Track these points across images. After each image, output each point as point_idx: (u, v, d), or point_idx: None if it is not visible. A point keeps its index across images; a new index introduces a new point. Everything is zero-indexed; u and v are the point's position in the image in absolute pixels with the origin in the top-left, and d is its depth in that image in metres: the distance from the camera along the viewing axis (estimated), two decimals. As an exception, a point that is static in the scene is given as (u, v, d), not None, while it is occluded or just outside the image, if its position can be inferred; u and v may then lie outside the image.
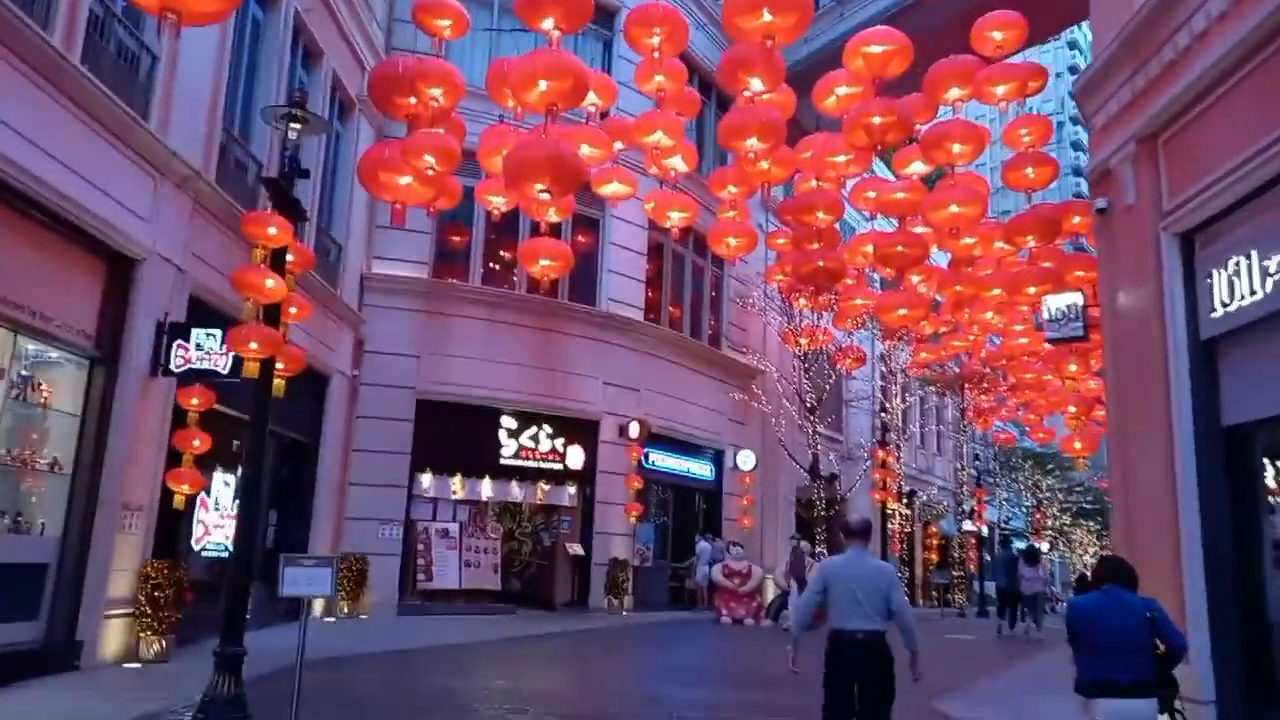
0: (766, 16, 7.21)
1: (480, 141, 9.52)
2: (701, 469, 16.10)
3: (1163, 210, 6.00)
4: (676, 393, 15.24)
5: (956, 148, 9.62)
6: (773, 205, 18.13)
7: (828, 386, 16.96)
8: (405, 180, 8.58)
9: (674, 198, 11.07)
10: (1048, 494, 27.91)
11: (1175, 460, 5.70)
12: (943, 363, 19.90)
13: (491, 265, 13.98)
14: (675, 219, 11.07)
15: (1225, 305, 5.41)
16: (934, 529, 25.39)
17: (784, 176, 11.03)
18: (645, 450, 14.14)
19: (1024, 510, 28.49)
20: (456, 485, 12.99)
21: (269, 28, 9.88)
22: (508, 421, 13.35)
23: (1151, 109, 6.05)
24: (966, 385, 21.52)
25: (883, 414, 19.71)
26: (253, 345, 5.42)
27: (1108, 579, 4.05)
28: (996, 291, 12.33)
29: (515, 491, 13.41)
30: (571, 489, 13.80)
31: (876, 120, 9.04)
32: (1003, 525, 27.60)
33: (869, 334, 20.41)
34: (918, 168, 11.11)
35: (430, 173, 8.46)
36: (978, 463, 23.15)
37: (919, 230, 11.98)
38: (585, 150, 9.52)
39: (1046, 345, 15.15)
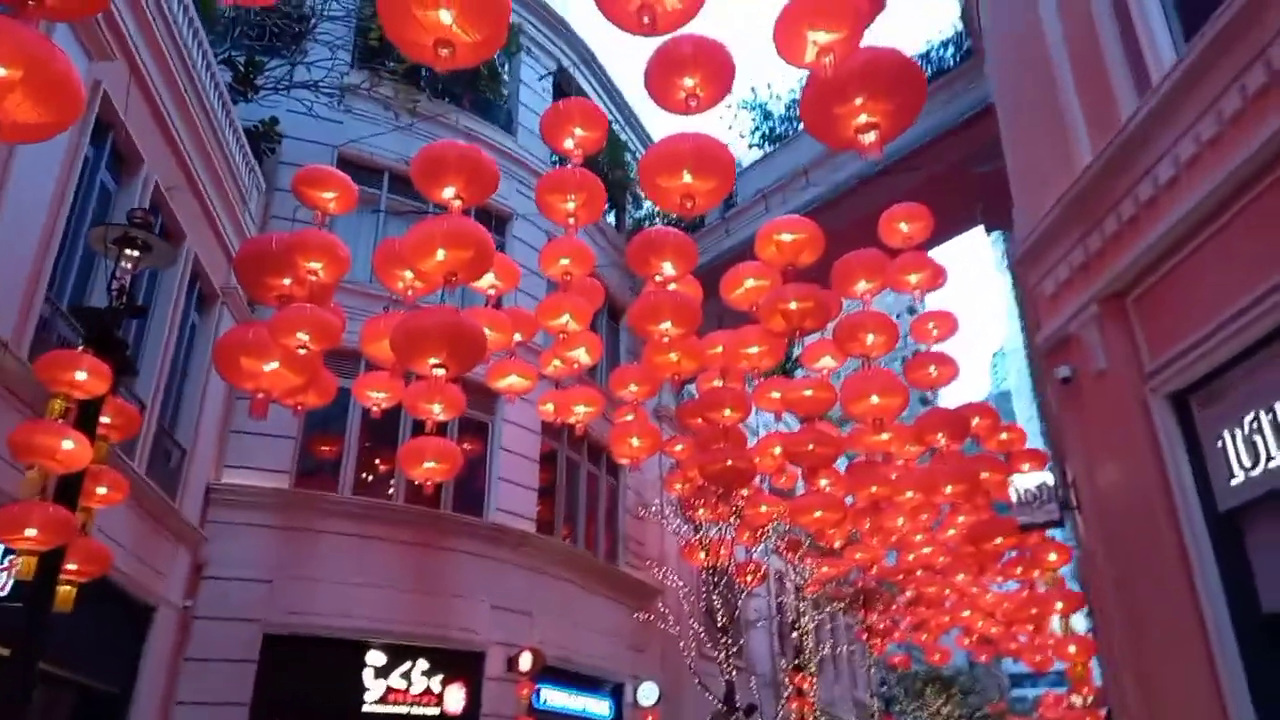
0: (687, 178, 6.70)
1: (363, 330, 8.46)
2: (599, 707, 14.06)
3: (1145, 372, 5.46)
4: (572, 616, 13.53)
5: (870, 338, 9.26)
6: (666, 413, 17.51)
7: (739, 604, 15.60)
8: (271, 366, 7.33)
9: (578, 392, 10.18)
10: (949, 720, 26.53)
11: (1216, 662, 4.76)
12: (844, 578, 19.02)
13: (365, 475, 12.42)
14: (580, 414, 10.09)
15: (1247, 469, 4.73)
16: (843, 768, 23.34)
17: (693, 369, 10.31)
18: (537, 686, 12.19)
19: (931, 740, 26.90)
20: (307, 742, 10.61)
21: (121, 199, 8.76)
22: (375, 658, 11.26)
23: (1114, 268, 5.66)
24: (864, 603, 20.57)
25: (794, 633, 18.31)
26: (30, 532, 3.84)
27: None
28: (909, 495, 11.73)
29: (381, 747, 11.09)
30: (450, 740, 11.56)
31: (793, 305, 8.56)
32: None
33: (765, 549, 19.41)
34: (828, 363, 10.71)
35: (303, 352, 7.28)
36: (884, 689, 21.77)
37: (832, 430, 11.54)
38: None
39: (939, 557, 14.58)
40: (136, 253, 4.48)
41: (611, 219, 18.39)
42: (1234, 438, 4.82)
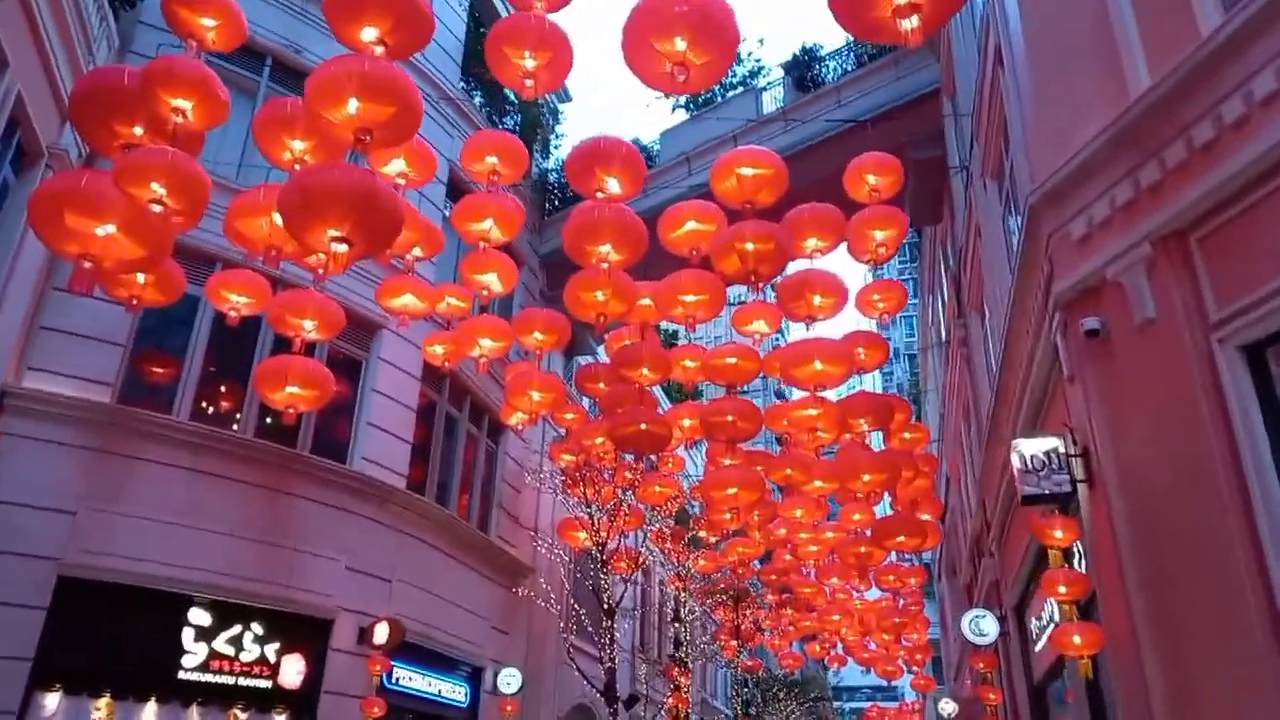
0: (680, 45, 5.48)
1: (232, 204, 6.82)
2: (455, 692, 12.52)
3: (1210, 321, 4.69)
4: (437, 588, 11.95)
5: (818, 300, 8.37)
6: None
7: (624, 591, 14.45)
8: (106, 229, 5.62)
9: (484, 321, 8.77)
10: (794, 728, 26.36)
11: (1292, 658, 3.99)
12: (718, 573, 18.23)
13: (205, 403, 10.46)
14: (486, 348, 8.71)
15: (1351, 431, 4.00)
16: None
17: (620, 312, 9.10)
18: (392, 664, 10.57)
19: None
20: (101, 713, 8.62)
21: (-79, -9, 6.70)
22: (199, 616, 9.38)
23: (1178, 202, 4.87)
24: (735, 602, 19.89)
25: (675, 625, 17.32)
26: None
27: None
28: (817, 484, 11.01)
29: (194, 723, 9.22)
30: (280, 719, 9.78)
31: (751, 246, 7.51)
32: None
33: (638, 536, 18.40)
34: (761, 327, 9.71)
35: (157, 209, 5.61)
36: (746, 690, 21.18)
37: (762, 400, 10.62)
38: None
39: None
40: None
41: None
42: (1333, 394, 4.08)
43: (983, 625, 10.37)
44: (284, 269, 9.06)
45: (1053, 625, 7.85)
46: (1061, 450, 5.47)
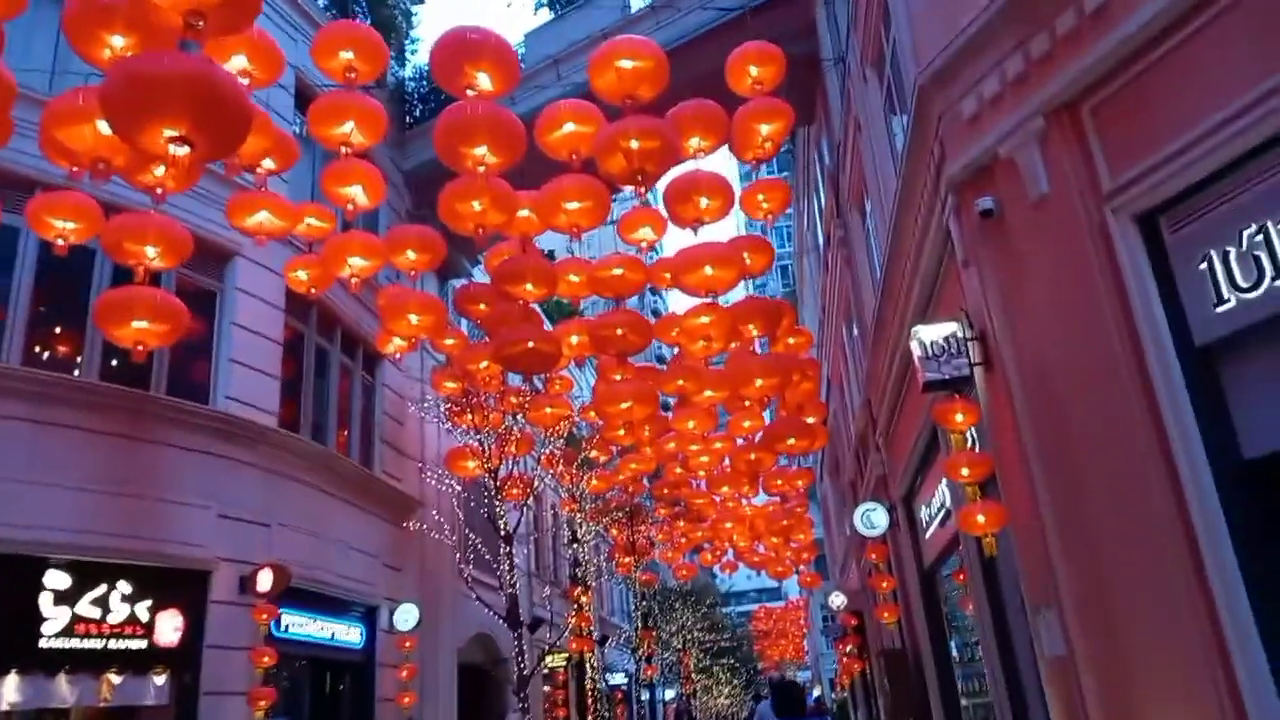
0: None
1: (48, 110, 5.88)
2: (350, 634, 12.09)
3: (1103, 192, 4.68)
4: (321, 529, 11.36)
5: (705, 201, 8.11)
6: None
7: (520, 518, 14.21)
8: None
9: (355, 237, 8.09)
10: (691, 634, 27.20)
11: (1191, 518, 4.09)
12: (609, 492, 18.23)
13: (39, 346, 9.40)
14: (356, 267, 8.04)
15: (1242, 291, 4.05)
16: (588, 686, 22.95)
17: (499, 222, 8.61)
18: (280, 611, 10.03)
19: (674, 654, 27.43)
20: (-51, 692, 7.82)
21: None
22: (56, 579, 8.55)
23: (1069, 72, 4.80)
24: (630, 520, 20.03)
25: (574, 545, 17.26)
26: None
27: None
28: (709, 394, 10.91)
29: (63, 691, 8.46)
30: (160, 679, 9.12)
31: (635, 144, 7.11)
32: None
33: (527, 461, 18.16)
34: (646, 234, 9.41)
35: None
36: (644, 602, 21.56)
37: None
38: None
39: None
40: None
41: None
42: (1225, 257, 4.12)
43: (874, 518, 10.70)
44: (117, 192, 8.07)
45: (944, 511, 8.11)
46: (960, 335, 5.46)
